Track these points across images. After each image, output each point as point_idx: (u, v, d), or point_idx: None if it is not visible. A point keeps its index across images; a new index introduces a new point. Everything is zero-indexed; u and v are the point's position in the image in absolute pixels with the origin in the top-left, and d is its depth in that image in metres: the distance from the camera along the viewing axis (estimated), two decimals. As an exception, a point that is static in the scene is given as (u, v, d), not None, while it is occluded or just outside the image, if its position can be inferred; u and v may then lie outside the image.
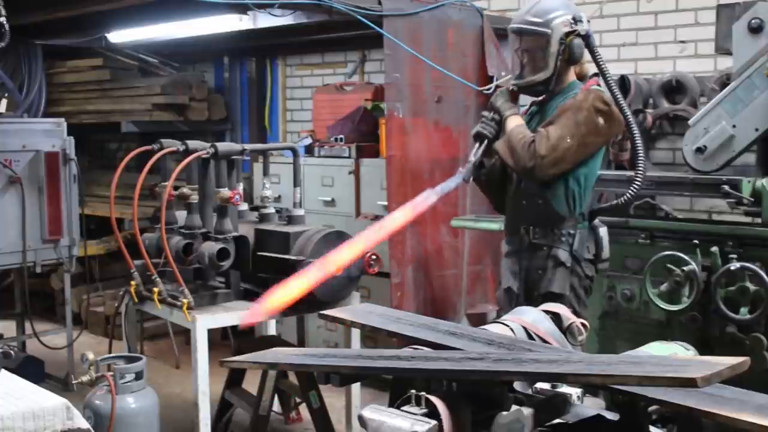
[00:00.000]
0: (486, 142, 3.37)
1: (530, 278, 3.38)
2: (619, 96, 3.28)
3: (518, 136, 3.25)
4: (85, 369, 3.47)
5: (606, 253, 3.43)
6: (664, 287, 3.76)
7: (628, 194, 3.33)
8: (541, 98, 3.43)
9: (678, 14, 4.82)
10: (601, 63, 3.34)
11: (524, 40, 3.33)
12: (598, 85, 3.34)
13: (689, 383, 1.59)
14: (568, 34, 3.25)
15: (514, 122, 3.32)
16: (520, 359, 1.95)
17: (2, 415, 2.35)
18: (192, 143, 3.99)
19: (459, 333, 2.33)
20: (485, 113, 3.43)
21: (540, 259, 3.36)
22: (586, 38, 3.30)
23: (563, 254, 3.33)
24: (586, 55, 3.36)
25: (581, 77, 3.39)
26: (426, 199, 3.29)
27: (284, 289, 2.81)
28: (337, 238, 3.84)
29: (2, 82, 6.43)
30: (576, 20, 3.26)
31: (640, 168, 3.32)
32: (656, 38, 4.91)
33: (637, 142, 3.32)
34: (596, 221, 3.42)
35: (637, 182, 3.31)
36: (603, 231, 3.42)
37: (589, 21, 3.34)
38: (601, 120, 3.21)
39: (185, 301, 3.70)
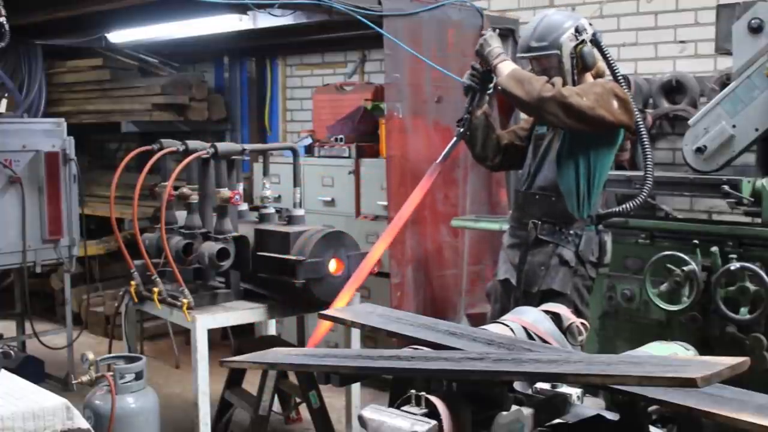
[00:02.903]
0: (477, 95, 3.45)
1: (531, 273, 3.41)
2: (630, 96, 3.38)
3: (529, 73, 3.27)
4: (85, 369, 3.47)
5: (608, 258, 3.49)
6: (664, 287, 3.76)
7: (637, 200, 3.42)
8: None
9: (678, 14, 4.82)
10: (611, 62, 3.41)
11: (535, 63, 3.37)
12: None
13: (689, 383, 1.59)
14: (576, 46, 3.30)
15: (512, 65, 3.32)
16: (520, 359, 1.95)
17: (2, 415, 2.35)
18: (192, 143, 3.99)
19: (459, 333, 2.33)
20: (474, 64, 3.47)
21: (544, 256, 3.39)
22: (595, 42, 3.37)
23: (568, 253, 3.36)
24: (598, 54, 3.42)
25: (597, 77, 3.42)
26: (434, 169, 3.50)
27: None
28: (337, 238, 3.84)
29: (2, 82, 6.43)
30: (579, 30, 3.30)
31: (649, 174, 3.40)
32: (656, 38, 4.91)
33: (646, 144, 3.40)
34: (601, 226, 3.46)
35: (646, 189, 3.39)
36: (608, 236, 3.48)
37: (591, 24, 3.39)
38: (615, 103, 3.23)
39: (185, 301, 3.70)
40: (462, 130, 3.53)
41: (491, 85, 3.51)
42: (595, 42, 3.37)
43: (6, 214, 4.87)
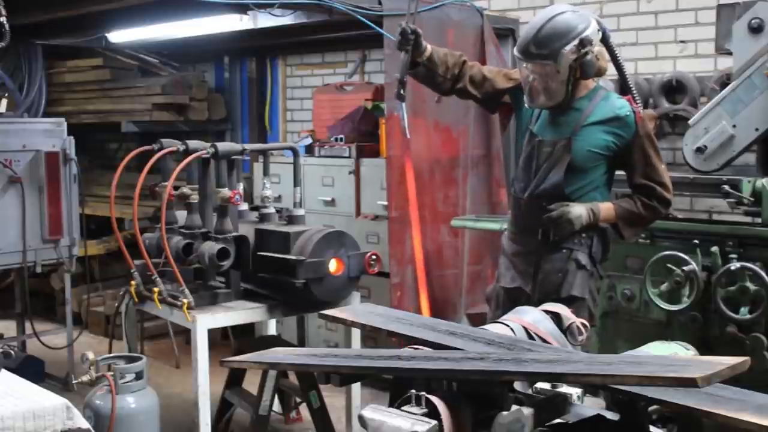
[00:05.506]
0: (408, 55, 3.41)
1: (548, 281, 3.30)
2: (638, 99, 3.49)
3: (626, 212, 3.33)
4: (85, 369, 3.47)
5: (608, 252, 3.46)
6: (664, 287, 3.76)
7: None
8: None
9: (678, 14, 4.82)
10: (621, 64, 3.45)
11: (530, 64, 3.21)
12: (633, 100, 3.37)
13: (689, 383, 1.59)
14: (577, 58, 3.15)
15: (607, 210, 3.32)
16: (520, 359, 1.95)
17: (2, 415, 2.35)
18: (192, 143, 3.99)
19: (459, 333, 2.33)
20: (403, 25, 3.41)
21: (559, 262, 3.30)
22: (606, 42, 3.34)
23: (583, 257, 3.29)
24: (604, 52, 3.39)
25: (599, 74, 3.33)
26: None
27: None
28: (337, 238, 3.84)
29: (2, 82, 6.43)
30: (584, 43, 3.13)
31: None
32: (656, 38, 4.91)
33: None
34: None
35: None
36: (609, 231, 3.42)
37: (600, 24, 3.24)
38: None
39: (185, 301, 3.70)
40: (402, 93, 3.48)
41: (413, 37, 3.43)
42: (605, 43, 3.31)
43: (6, 214, 4.87)
